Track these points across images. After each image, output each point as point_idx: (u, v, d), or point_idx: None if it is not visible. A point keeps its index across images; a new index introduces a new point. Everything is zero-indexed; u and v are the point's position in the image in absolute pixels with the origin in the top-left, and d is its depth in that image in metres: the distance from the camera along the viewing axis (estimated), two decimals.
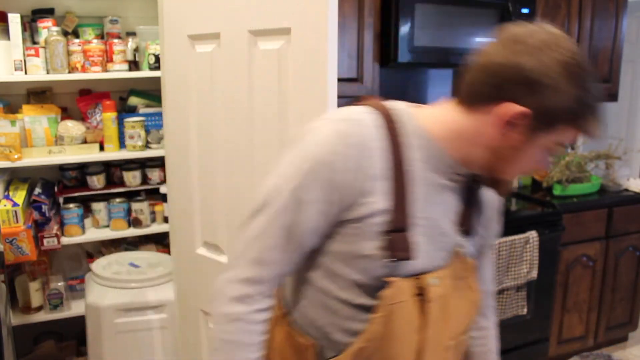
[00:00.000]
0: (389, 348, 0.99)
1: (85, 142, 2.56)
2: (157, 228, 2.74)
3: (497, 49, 0.91)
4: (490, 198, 1.12)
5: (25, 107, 2.50)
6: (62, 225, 2.55)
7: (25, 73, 2.40)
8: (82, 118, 2.66)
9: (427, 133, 0.99)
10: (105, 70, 2.55)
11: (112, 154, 2.58)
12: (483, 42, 0.94)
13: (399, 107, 1.02)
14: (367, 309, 0.98)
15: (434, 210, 1.00)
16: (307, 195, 0.95)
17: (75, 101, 2.67)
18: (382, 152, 0.96)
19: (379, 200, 0.95)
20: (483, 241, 1.14)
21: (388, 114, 0.99)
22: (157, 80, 2.13)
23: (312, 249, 1.01)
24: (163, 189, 2.68)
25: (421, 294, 0.99)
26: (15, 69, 2.37)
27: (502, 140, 0.93)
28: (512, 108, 0.89)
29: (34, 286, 2.55)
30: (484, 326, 1.25)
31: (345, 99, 2.56)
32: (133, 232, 2.69)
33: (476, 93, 0.94)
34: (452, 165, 0.99)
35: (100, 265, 2.42)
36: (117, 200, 2.67)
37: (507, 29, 0.93)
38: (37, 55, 2.38)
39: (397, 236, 0.95)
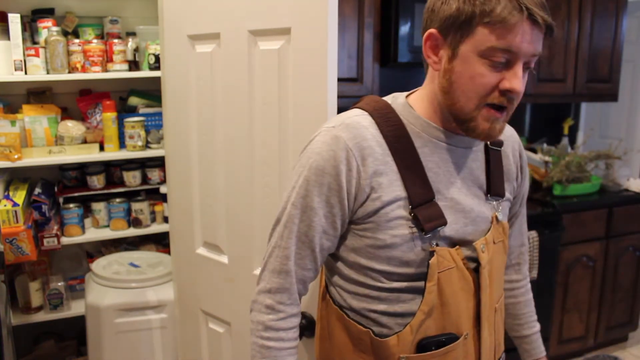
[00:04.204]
0: (447, 315, 1.03)
1: (85, 142, 2.56)
2: (157, 228, 2.74)
3: None
4: (510, 155, 1.17)
5: (25, 107, 2.50)
6: (62, 225, 2.55)
7: (25, 73, 2.40)
8: (82, 118, 2.66)
9: (416, 113, 1.05)
10: (105, 70, 2.55)
11: (112, 154, 2.58)
12: None
13: (397, 99, 1.08)
14: (406, 290, 1.03)
15: (452, 190, 1.05)
16: (313, 202, 1.01)
17: (75, 101, 2.67)
18: (380, 148, 1.00)
19: (388, 192, 0.99)
20: (513, 199, 1.21)
21: (381, 110, 1.04)
22: (157, 80, 2.13)
23: (332, 251, 1.07)
24: (163, 189, 2.68)
25: (466, 260, 1.05)
26: (15, 69, 2.36)
27: (439, 73, 1.00)
28: (426, 36, 1.00)
29: (34, 286, 2.55)
30: (515, 279, 1.34)
31: (345, 99, 2.57)
32: (133, 232, 2.69)
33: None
34: (443, 133, 1.04)
35: (100, 265, 2.42)
36: (117, 200, 2.67)
37: None
38: (37, 55, 2.38)
39: (424, 208, 1.00)
